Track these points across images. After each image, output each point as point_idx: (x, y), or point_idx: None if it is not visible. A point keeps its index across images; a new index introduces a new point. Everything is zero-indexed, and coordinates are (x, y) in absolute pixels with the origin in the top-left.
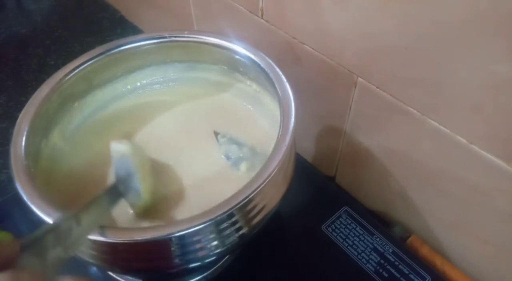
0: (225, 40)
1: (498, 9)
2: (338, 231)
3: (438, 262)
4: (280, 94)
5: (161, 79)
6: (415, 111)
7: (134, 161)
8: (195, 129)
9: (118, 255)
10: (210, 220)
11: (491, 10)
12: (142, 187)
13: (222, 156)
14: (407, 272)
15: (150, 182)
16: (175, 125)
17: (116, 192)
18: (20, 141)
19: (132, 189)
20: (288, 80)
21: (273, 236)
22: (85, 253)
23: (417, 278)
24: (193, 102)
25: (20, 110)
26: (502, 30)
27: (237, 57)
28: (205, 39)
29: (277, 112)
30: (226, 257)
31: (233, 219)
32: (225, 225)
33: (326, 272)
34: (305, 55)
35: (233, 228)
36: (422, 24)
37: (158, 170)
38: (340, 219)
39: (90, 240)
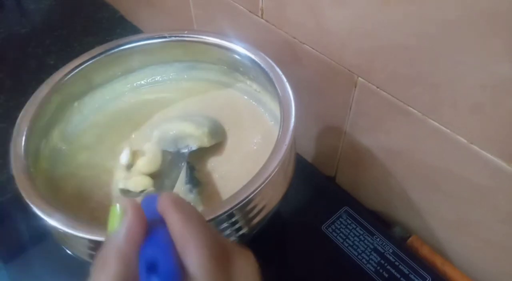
0: (225, 40)
1: (498, 9)
2: (338, 231)
3: (438, 262)
4: (280, 94)
5: (161, 79)
6: (415, 111)
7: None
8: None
9: None
10: (210, 220)
11: (491, 10)
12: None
13: None
14: (407, 272)
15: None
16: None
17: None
18: (20, 141)
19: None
20: (288, 80)
21: (273, 236)
22: (85, 253)
23: (417, 278)
24: (193, 100)
25: (20, 110)
26: (502, 30)
27: (237, 57)
28: (205, 39)
29: (277, 111)
30: None
31: (233, 219)
32: (225, 225)
33: (326, 272)
34: (305, 55)
35: (233, 228)
36: (422, 24)
37: None
38: (340, 219)
39: (90, 240)
